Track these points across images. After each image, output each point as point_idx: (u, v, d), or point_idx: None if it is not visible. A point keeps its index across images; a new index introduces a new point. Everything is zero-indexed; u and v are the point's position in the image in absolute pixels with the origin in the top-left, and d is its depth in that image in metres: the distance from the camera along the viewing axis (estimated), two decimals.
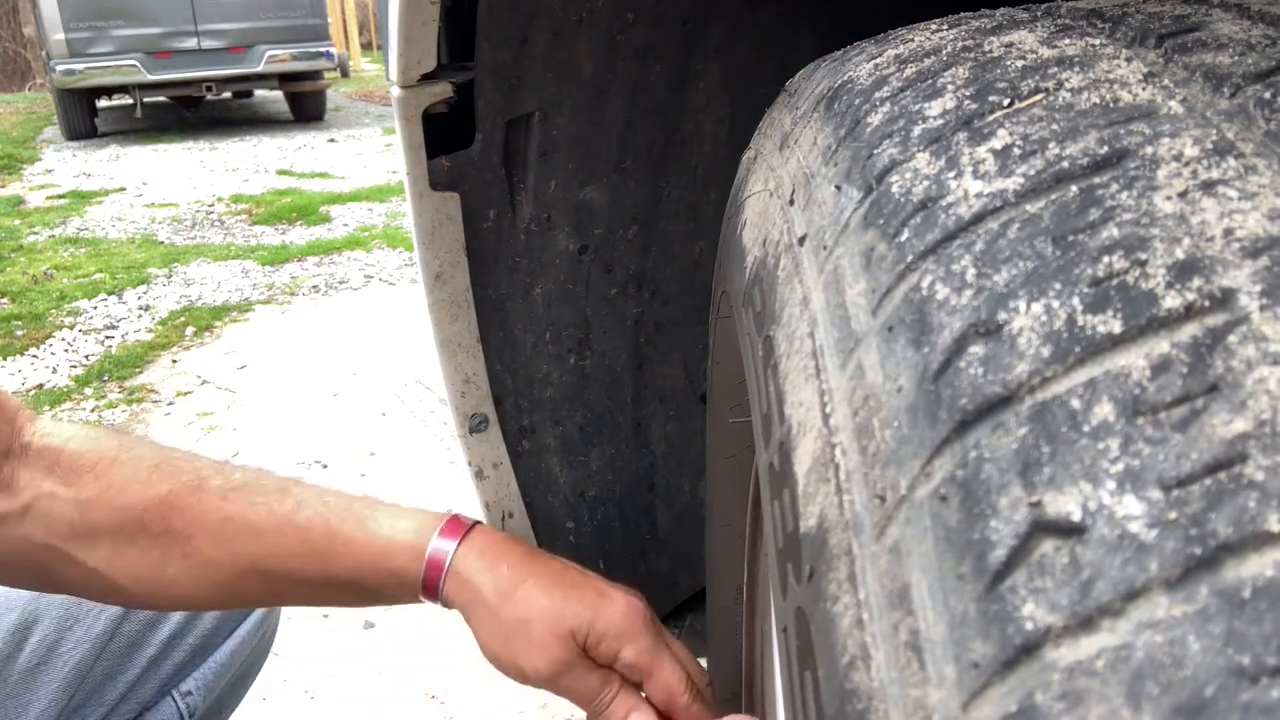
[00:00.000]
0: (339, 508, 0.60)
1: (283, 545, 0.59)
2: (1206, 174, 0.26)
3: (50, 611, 0.79)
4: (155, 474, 0.60)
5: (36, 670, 0.77)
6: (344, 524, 0.59)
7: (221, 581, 0.60)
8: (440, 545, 0.58)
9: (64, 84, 6.82)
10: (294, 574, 0.60)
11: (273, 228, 4.52)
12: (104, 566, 0.59)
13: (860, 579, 0.25)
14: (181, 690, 0.85)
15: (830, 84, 0.43)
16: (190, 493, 0.59)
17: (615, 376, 0.91)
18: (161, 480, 0.59)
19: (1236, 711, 0.17)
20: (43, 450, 0.59)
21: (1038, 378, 0.23)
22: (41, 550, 0.59)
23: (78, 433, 0.61)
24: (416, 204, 0.72)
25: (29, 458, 0.59)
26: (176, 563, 0.59)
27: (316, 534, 0.59)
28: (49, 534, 0.59)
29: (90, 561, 0.59)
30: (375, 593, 0.61)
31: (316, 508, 0.59)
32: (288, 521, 0.59)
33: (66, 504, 0.58)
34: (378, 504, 0.61)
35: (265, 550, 0.59)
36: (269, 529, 0.59)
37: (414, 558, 0.58)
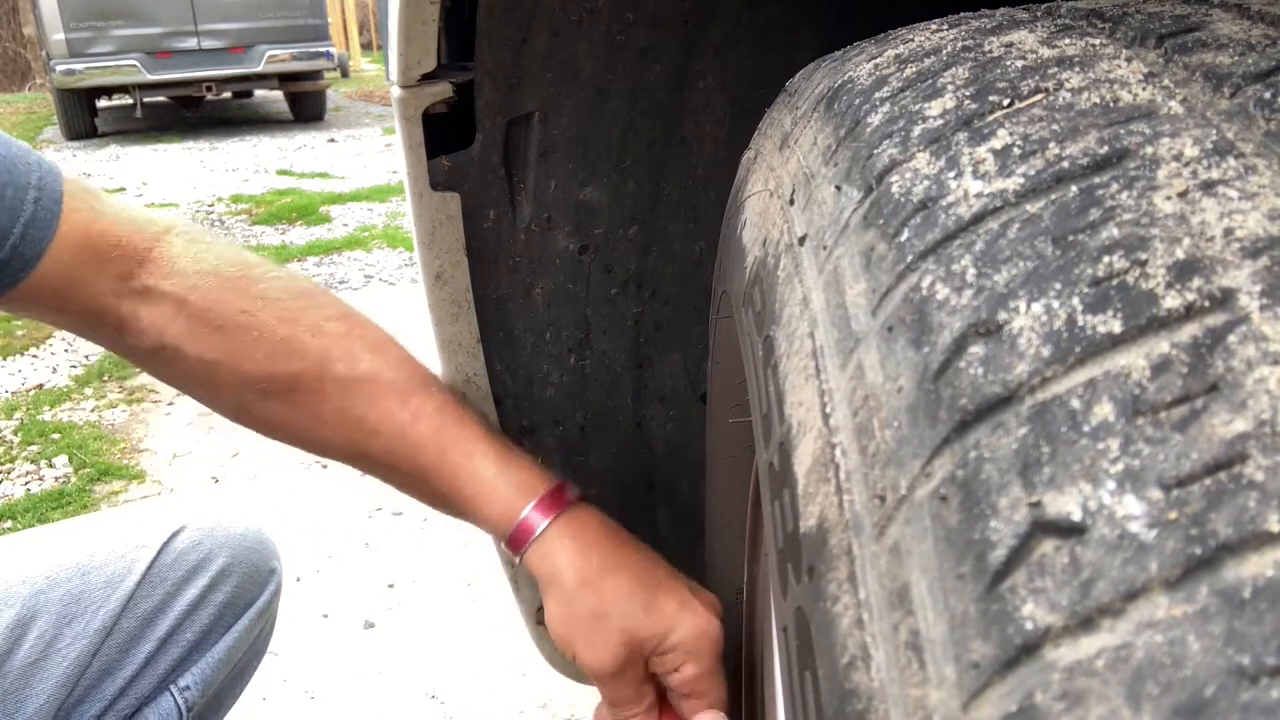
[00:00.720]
0: (453, 433, 0.60)
1: (393, 451, 0.61)
2: (1206, 174, 0.26)
3: (49, 607, 0.79)
4: (280, 350, 0.61)
5: (35, 666, 0.77)
6: (452, 453, 0.59)
7: (329, 448, 0.64)
8: (533, 516, 0.58)
9: (64, 84, 6.82)
10: (397, 473, 0.62)
11: (273, 228, 4.52)
12: (227, 406, 0.65)
13: (860, 579, 0.25)
14: (180, 685, 0.85)
15: (830, 84, 0.43)
16: (313, 378, 0.61)
17: (615, 376, 0.91)
18: (286, 358, 0.61)
19: (1236, 711, 0.17)
20: (165, 297, 0.61)
21: (1038, 378, 0.23)
22: (176, 381, 0.65)
23: (200, 278, 0.62)
24: (416, 204, 0.72)
25: (153, 299, 0.61)
26: (293, 422, 0.63)
27: (426, 454, 0.60)
28: (177, 376, 0.64)
29: (216, 398, 0.64)
30: (467, 519, 0.62)
31: (432, 425, 0.60)
32: (402, 432, 0.60)
33: (192, 360, 0.62)
34: (492, 440, 0.60)
35: (377, 448, 0.61)
36: (384, 432, 0.60)
37: (506, 517, 0.58)
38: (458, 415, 0.61)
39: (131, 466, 2.26)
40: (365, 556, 1.84)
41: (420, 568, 1.79)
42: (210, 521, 0.89)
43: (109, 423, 2.49)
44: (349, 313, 0.64)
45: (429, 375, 0.63)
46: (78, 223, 0.59)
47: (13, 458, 2.34)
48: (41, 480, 2.22)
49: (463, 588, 1.72)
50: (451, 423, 0.60)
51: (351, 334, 0.62)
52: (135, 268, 0.62)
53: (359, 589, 1.74)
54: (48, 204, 0.58)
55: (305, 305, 0.63)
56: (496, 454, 0.60)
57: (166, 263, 0.62)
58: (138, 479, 2.20)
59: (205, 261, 0.63)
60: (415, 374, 0.62)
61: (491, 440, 0.60)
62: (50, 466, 2.28)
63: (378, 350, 0.62)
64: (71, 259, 0.59)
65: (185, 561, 0.85)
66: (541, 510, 0.58)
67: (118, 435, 2.42)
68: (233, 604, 0.88)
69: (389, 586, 1.74)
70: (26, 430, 2.46)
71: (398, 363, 0.62)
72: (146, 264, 0.62)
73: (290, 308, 0.62)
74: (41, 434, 2.43)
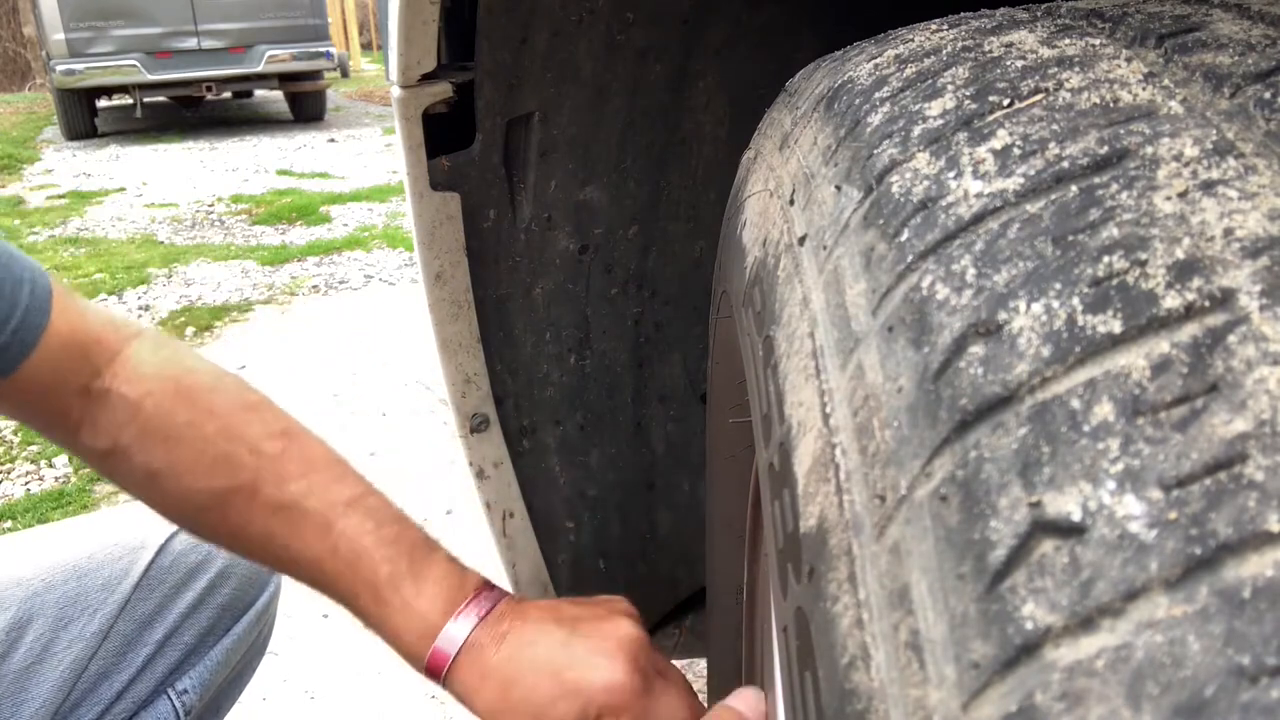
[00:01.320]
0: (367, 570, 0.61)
1: (315, 580, 0.63)
2: (1206, 174, 0.26)
3: (46, 610, 0.79)
4: (217, 466, 0.63)
5: (31, 669, 0.77)
6: (364, 593, 0.61)
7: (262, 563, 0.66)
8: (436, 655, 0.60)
9: (64, 84, 6.82)
10: (325, 595, 0.64)
11: (273, 228, 4.52)
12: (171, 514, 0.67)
13: (860, 579, 0.25)
14: (177, 689, 0.85)
15: (830, 84, 0.43)
16: (244, 498, 0.62)
17: (615, 376, 0.91)
18: (221, 475, 0.63)
19: (1236, 711, 0.17)
20: (122, 400, 0.63)
21: (1038, 378, 0.23)
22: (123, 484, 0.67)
23: (156, 385, 0.64)
24: (416, 204, 0.72)
25: (110, 402, 0.63)
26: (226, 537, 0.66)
27: (342, 588, 0.62)
28: (125, 480, 0.66)
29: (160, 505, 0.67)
30: None
31: (346, 561, 0.61)
32: (320, 565, 0.62)
33: (139, 466, 0.64)
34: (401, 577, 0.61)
35: (301, 575, 0.63)
36: (304, 562, 0.62)
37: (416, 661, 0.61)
38: (373, 543, 0.62)
39: None
40: None
41: None
42: None
43: None
44: (288, 428, 0.65)
45: (355, 495, 0.63)
46: (68, 317, 0.62)
47: (13, 458, 2.34)
48: (41, 480, 2.22)
49: None
50: (364, 559, 0.61)
51: (285, 454, 0.63)
52: (104, 367, 0.64)
53: None
54: (41, 296, 0.61)
55: (249, 420, 0.64)
56: (401, 595, 0.61)
57: (132, 366, 0.64)
58: None
59: (166, 369, 0.65)
60: (340, 499, 0.62)
61: (398, 577, 0.61)
62: (50, 466, 2.28)
63: (308, 474, 0.63)
64: (59, 352, 0.61)
65: (183, 563, 0.85)
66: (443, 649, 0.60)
67: None
68: (231, 606, 0.88)
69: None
70: (26, 430, 2.46)
71: (324, 486, 0.63)
72: (113, 364, 0.64)
73: (233, 423, 0.64)
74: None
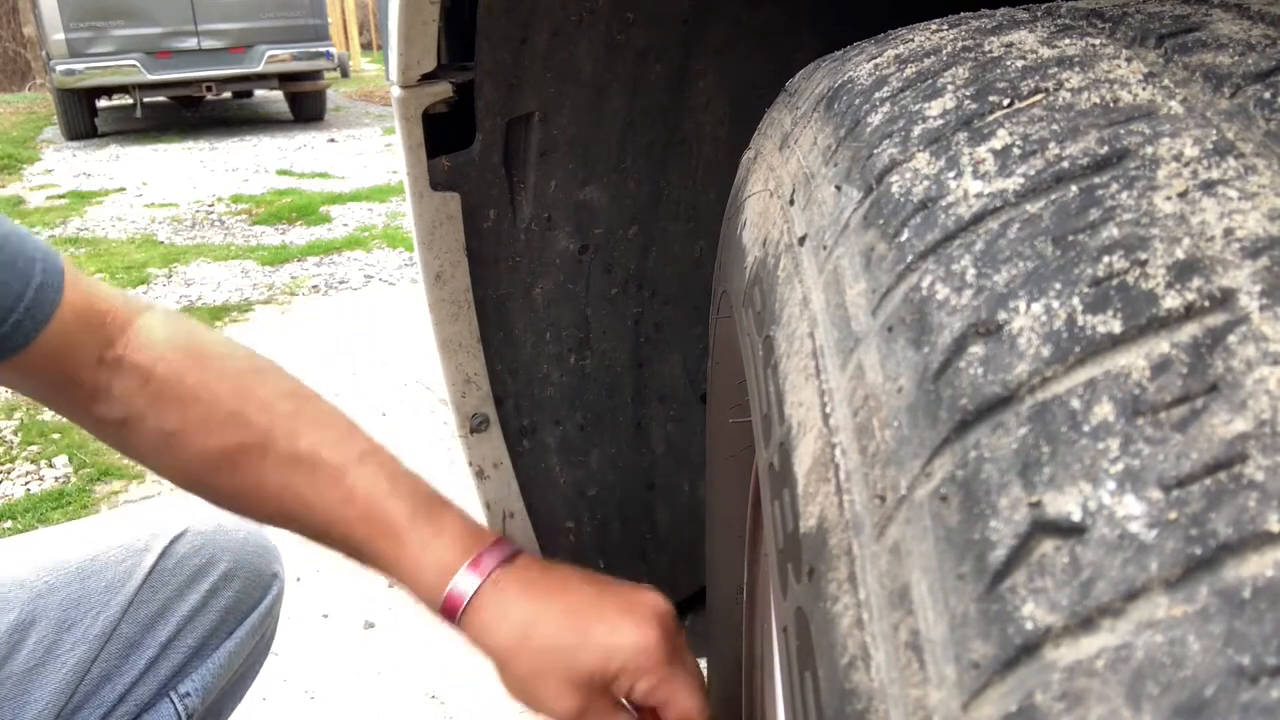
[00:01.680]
0: (381, 513, 0.62)
1: (329, 529, 0.64)
2: (1206, 174, 0.26)
3: (48, 612, 0.79)
4: (229, 423, 0.65)
5: (34, 671, 0.77)
6: (380, 535, 0.62)
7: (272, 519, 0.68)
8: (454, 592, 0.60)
9: (64, 84, 6.82)
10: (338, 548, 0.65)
11: (273, 228, 4.52)
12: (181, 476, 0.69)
13: (860, 579, 0.25)
14: (180, 692, 0.85)
15: (830, 84, 0.43)
16: (256, 452, 0.64)
17: (615, 376, 0.91)
18: (234, 431, 0.65)
19: (1236, 711, 0.17)
20: (134, 367, 0.65)
21: (1038, 378, 0.23)
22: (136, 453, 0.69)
23: (167, 351, 0.66)
24: (416, 204, 0.72)
25: (123, 370, 0.65)
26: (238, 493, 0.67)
27: (357, 534, 0.63)
28: (138, 445, 0.68)
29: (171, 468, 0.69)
30: None
31: (361, 507, 0.63)
32: (336, 512, 0.63)
33: (153, 430, 0.66)
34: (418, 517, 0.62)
35: (314, 524, 0.65)
36: (318, 510, 0.64)
37: (432, 598, 0.62)
38: (388, 491, 0.63)
39: (131, 466, 2.26)
40: None
41: None
42: (212, 525, 0.88)
43: None
44: (298, 390, 0.68)
45: (368, 449, 0.65)
46: (80, 290, 0.64)
47: (13, 458, 2.34)
48: (41, 480, 2.22)
49: None
50: (380, 502, 0.63)
51: (298, 412, 0.66)
52: (116, 336, 0.66)
53: (359, 589, 1.74)
54: (53, 272, 0.63)
55: (259, 382, 0.67)
56: (420, 534, 0.62)
57: (143, 334, 0.66)
58: (138, 479, 2.20)
59: (176, 336, 0.67)
60: (352, 452, 0.64)
61: (417, 517, 0.63)
62: (50, 466, 2.28)
63: (319, 428, 0.65)
64: (73, 324, 0.63)
65: (187, 566, 0.85)
66: (461, 586, 0.61)
67: None
68: (234, 609, 0.88)
69: (389, 586, 1.74)
70: (26, 430, 2.46)
71: (337, 440, 0.65)
72: (124, 334, 0.66)
73: (244, 383, 0.66)
74: (41, 434, 2.43)
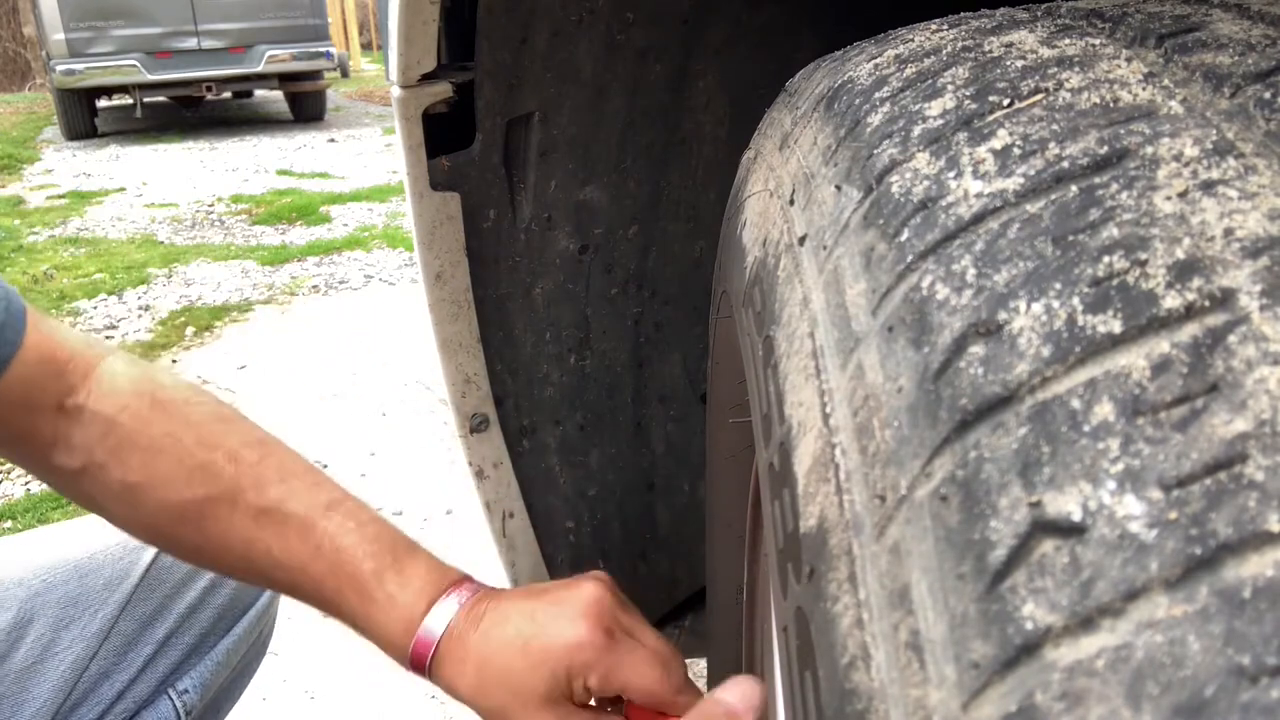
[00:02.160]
0: (349, 569, 0.61)
1: (296, 584, 0.63)
2: (1206, 174, 0.26)
3: (47, 610, 0.79)
4: (195, 475, 0.63)
5: (32, 669, 0.77)
6: (348, 593, 0.61)
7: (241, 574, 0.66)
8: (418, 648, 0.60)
9: (64, 84, 6.82)
10: (305, 599, 0.64)
11: (273, 228, 4.52)
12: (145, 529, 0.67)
13: (860, 579, 0.25)
14: (178, 689, 0.85)
15: (830, 84, 0.43)
16: (224, 505, 0.63)
17: (615, 376, 0.91)
18: (200, 483, 0.63)
19: (1236, 711, 0.17)
20: (96, 416, 0.64)
21: (1038, 378, 0.23)
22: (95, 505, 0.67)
23: (131, 400, 0.64)
24: (416, 204, 0.72)
25: (84, 420, 0.64)
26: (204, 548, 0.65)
27: (326, 590, 0.62)
28: (99, 496, 0.66)
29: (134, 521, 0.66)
30: None
31: (329, 562, 0.62)
32: (303, 568, 0.62)
33: (115, 482, 0.64)
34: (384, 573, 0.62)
35: (281, 580, 0.63)
36: (286, 564, 0.62)
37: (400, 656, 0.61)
38: (355, 542, 0.62)
39: None
40: None
41: None
42: None
43: None
44: (266, 439, 0.66)
45: (336, 498, 0.64)
46: (43, 333, 0.63)
47: None
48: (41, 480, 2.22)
49: None
50: (347, 555, 0.62)
51: (264, 461, 0.64)
52: (78, 383, 0.64)
53: None
54: (15, 313, 0.61)
55: (225, 430, 0.65)
56: (385, 589, 0.61)
57: (106, 381, 0.65)
58: None
59: (141, 384, 0.65)
60: (320, 502, 0.63)
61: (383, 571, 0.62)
62: None
63: (287, 479, 0.64)
64: (34, 368, 0.62)
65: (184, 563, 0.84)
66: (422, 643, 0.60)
67: None
68: (232, 606, 0.88)
69: None
70: None
71: (306, 490, 0.64)
72: (86, 381, 0.64)
73: (210, 432, 0.65)
74: None
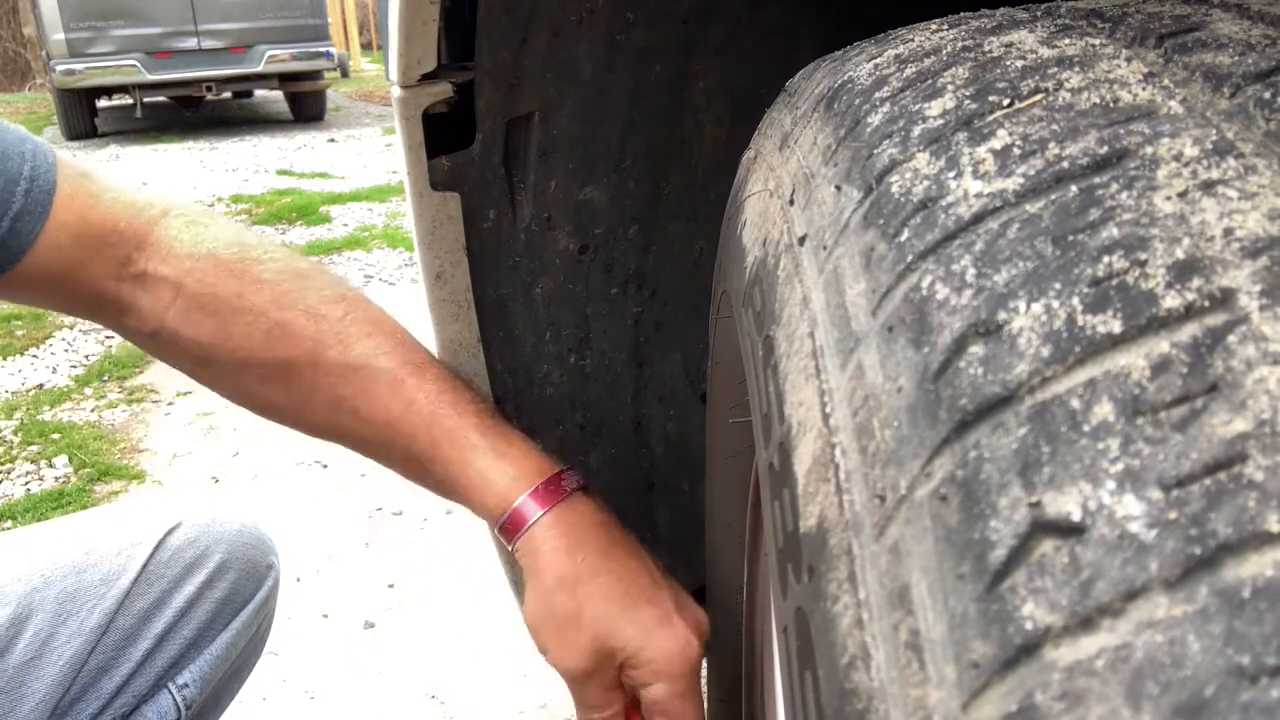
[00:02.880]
0: (447, 421, 0.59)
1: (387, 439, 0.60)
2: (1206, 174, 0.26)
3: (45, 606, 0.79)
4: (274, 335, 0.61)
5: (31, 664, 0.77)
6: (445, 443, 0.59)
7: (326, 432, 0.64)
8: (526, 506, 0.57)
9: (64, 84, 6.82)
10: (394, 460, 0.62)
11: (273, 228, 4.52)
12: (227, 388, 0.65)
13: (860, 579, 0.25)
14: (178, 683, 0.85)
15: (830, 84, 0.43)
16: (307, 365, 0.61)
17: (615, 376, 0.91)
18: (280, 344, 0.61)
19: (1236, 711, 0.17)
20: (161, 282, 0.62)
21: (1038, 378, 0.23)
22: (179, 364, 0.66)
23: (196, 262, 0.62)
24: (416, 204, 0.72)
25: (149, 285, 0.62)
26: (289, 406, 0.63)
27: (420, 443, 0.59)
28: (177, 358, 0.65)
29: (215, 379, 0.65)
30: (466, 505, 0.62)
31: (424, 414, 0.59)
32: (395, 421, 0.59)
33: (189, 342, 0.63)
34: (488, 427, 0.60)
35: (371, 435, 0.61)
36: (377, 421, 0.60)
37: (500, 506, 0.58)
38: (452, 400, 0.60)
39: (131, 466, 2.26)
40: (365, 556, 1.84)
41: (420, 568, 1.79)
42: (206, 517, 0.88)
43: (109, 423, 2.49)
44: (346, 294, 0.64)
45: (425, 357, 0.62)
46: (75, 210, 0.60)
47: (13, 458, 2.34)
48: (41, 480, 2.22)
49: (463, 587, 1.72)
50: (445, 410, 0.59)
51: (347, 317, 0.62)
52: (134, 251, 0.62)
53: (359, 589, 1.74)
54: (39, 195, 0.59)
55: (302, 287, 0.63)
56: (492, 442, 0.59)
57: (164, 246, 0.62)
58: (138, 479, 2.20)
59: (203, 244, 0.63)
60: (410, 358, 0.61)
61: (487, 427, 0.59)
62: (50, 466, 2.27)
63: (373, 334, 0.61)
64: (69, 246, 0.60)
65: (182, 558, 0.85)
66: (536, 501, 0.57)
67: (118, 435, 2.42)
68: (230, 600, 0.88)
69: (389, 586, 1.74)
70: (26, 430, 2.46)
71: (393, 347, 0.61)
72: (145, 248, 0.62)
73: (287, 291, 0.62)
74: (41, 434, 2.43)
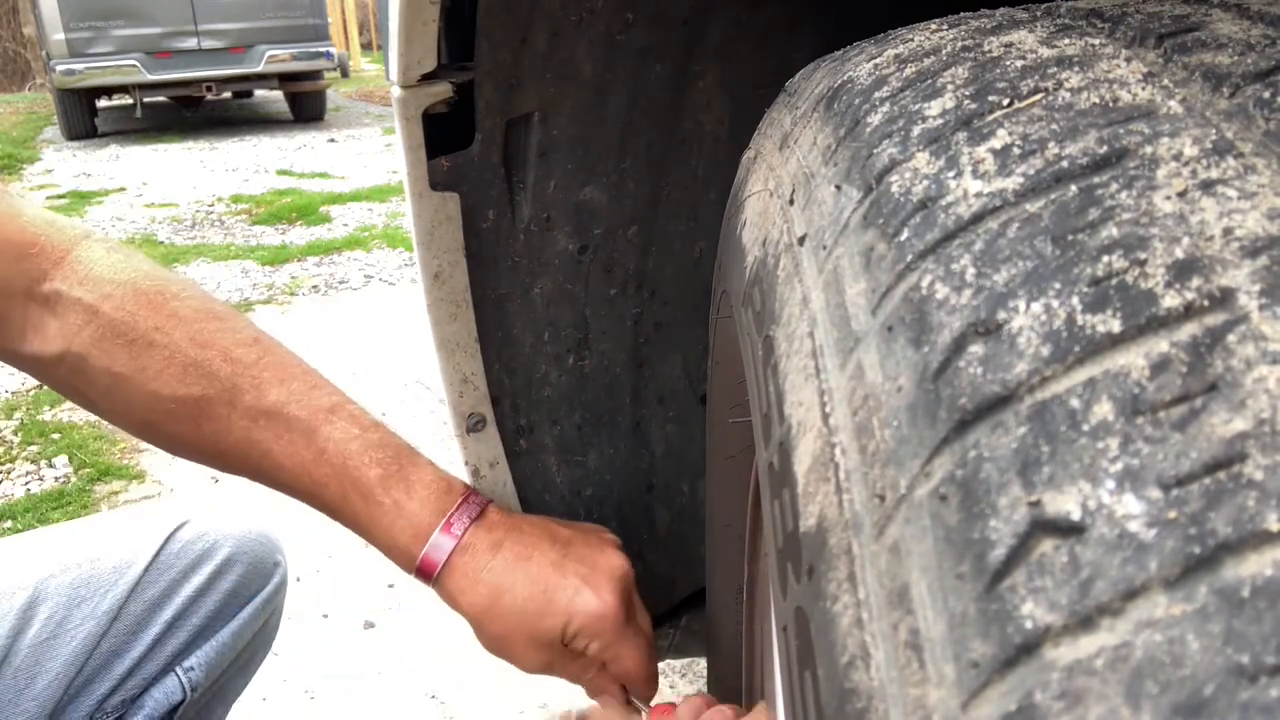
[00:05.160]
0: (355, 474, 0.60)
1: (299, 487, 0.61)
2: (1206, 174, 0.26)
3: (59, 590, 0.81)
4: (190, 373, 0.60)
5: (46, 644, 0.79)
6: (355, 496, 0.60)
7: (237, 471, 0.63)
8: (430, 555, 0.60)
9: (64, 84, 6.82)
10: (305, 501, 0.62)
11: (273, 228, 4.52)
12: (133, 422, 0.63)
13: (860, 578, 0.25)
14: (185, 666, 0.88)
15: (830, 84, 0.43)
16: (222, 405, 0.60)
17: (614, 376, 0.91)
18: (195, 382, 0.60)
19: (1236, 711, 0.17)
20: (75, 304, 0.60)
21: (1037, 377, 0.23)
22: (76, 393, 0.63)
23: (115, 288, 0.60)
24: (416, 204, 0.72)
25: (60, 307, 0.60)
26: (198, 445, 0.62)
27: (330, 493, 0.60)
28: (80, 387, 0.62)
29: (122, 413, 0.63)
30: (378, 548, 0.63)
31: (336, 465, 0.59)
32: (307, 471, 0.60)
33: (98, 372, 0.60)
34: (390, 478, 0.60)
35: (283, 479, 0.61)
36: (290, 468, 0.60)
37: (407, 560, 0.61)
38: (359, 449, 0.60)
39: (131, 466, 2.26)
40: (365, 556, 1.84)
41: None
42: (214, 517, 0.91)
43: None
44: (260, 338, 0.63)
45: (336, 401, 0.62)
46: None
47: (13, 458, 2.34)
48: (41, 480, 2.22)
49: None
50: (353, 460, 0.60)
51: (261, 361, 0.61)
52: (50, 268, 0.60)
53: (359, 589, 1.74)
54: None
55: (218, 328, 0.62)
56: (394, 496, 0.60)
57: (83, 268, 0.61)
58: (138, 479, 2.20)
59: (123, 272, 0.61)
60: (322, 404, 0.61)
61: (390, 477, 0.60)
62: (50, 466, 2.28)
63: (286, 380, 0.61)
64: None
65: (190, 551, 0.87)
66: (434, 552, 0.60)
67: (118, 435, 2.42)
68: (237, 593, 0.90)
69: (389, 586, 1.74)
70: (26, 430, 2.46)
71: (305, 392, 0.61)
72: (60, 267, 0.61)
73: (203, 329, 0.61)
74: (41, 434, 2.43)
